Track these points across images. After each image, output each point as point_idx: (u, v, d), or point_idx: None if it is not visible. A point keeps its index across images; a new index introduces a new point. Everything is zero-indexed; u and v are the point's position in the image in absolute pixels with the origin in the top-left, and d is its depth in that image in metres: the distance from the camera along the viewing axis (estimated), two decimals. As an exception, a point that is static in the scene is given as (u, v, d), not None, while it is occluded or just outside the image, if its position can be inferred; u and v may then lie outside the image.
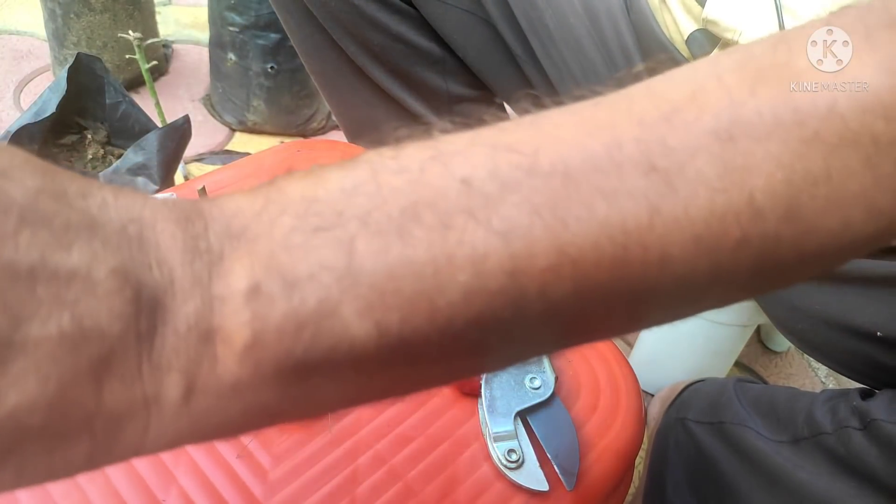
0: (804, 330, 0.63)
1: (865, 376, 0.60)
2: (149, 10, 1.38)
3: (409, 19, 0.77)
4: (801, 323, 0.62)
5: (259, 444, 0.47)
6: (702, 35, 0.64)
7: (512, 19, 0.73)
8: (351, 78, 0.83)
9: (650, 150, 0.23)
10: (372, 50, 0.79)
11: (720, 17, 0.59)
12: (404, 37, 0.78)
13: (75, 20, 1.28)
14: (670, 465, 0.64)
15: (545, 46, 0.73)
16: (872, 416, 0.47)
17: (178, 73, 1.49)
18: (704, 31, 0.64)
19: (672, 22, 0.68)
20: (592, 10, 0.72)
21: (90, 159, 0.98)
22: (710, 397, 0.66)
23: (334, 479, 0.46)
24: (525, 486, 0.46)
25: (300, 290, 0.20)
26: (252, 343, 0.20)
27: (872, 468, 0.46)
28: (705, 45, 0.63)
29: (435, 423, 0.50)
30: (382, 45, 0.78)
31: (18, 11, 1.59)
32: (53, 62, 1.39)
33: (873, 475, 0.46)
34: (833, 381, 1.14)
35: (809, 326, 0.61)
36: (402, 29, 0.77)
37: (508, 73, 0.79)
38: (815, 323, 0.60)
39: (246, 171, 0.69)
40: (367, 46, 0.79)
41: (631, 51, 0.72)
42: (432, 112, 0.85)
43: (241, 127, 1.38)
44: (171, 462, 0.46)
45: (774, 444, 0.54)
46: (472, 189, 0.22)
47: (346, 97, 0.87)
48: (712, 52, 0.63)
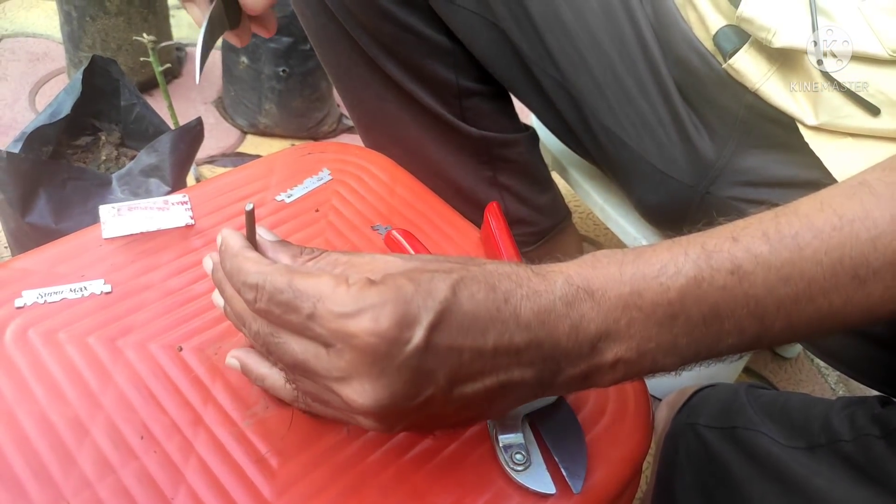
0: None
1: (884, 384, 0.60)
2: (163, 14, 1.39)
3: (420, 11, 0.78)
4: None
5: (268, 443, 0.48)
6: (731, 31, 0.64)
7: (525, 18, 0.73)
8: (363, 69, 0.84)
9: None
10: (383, 41, 0.79)
11: (755, 15, 0.60)
12: (415, 28, 0.78)
13: (90, 23, 1.30)
14: (679, 470, 0.64)
15: (560, 43, 0.73)
16: (895, 425, 0.47)
17: (190, 75, 1.51)
18: (733, 27, 0.64)
19: (697, 18, 0.68)
20: (609, 6, 0.72)
21: (104, 160, 0.98)
22: (721, 402, 0.65)
23: (342, 480, 0.46)
24: (532, 489, 0.46)
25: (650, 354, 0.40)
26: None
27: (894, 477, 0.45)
28: (734, 41, 0.64)
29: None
30: (393, 36, 0.78)
31: (34, 14, 1.61)
32: (68, 64, 1.40)
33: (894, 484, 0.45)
34: (843, 387, 1.13)
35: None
36: (412, 20, 0.78)
37: (516, 72, 0.79)
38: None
39: (257, 174, 0.70)
40: (379, 38, 0.79)
41: (650, 46, 0.72)
42: (443, 105, 0.85)
43: (253, 129, 1.39)
44: (179, 461, 0.46)
45: (789, 451, 0.54)
46: (748, 300, 0.39)
47: (358, 89, 0.87)
48: (742, 47, 0.63)
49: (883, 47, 0.55)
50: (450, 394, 0.38)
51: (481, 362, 0.37)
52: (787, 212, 0.40)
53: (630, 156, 0.76)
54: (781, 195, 0.68)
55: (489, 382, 0.38)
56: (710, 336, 0.39)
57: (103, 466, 0.45)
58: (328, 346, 0.37)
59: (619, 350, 0.39)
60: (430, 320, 0.36)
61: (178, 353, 0.52)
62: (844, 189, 0.40)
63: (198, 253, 0.60)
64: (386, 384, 0.36)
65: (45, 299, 0.54)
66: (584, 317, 0.38)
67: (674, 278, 0.38)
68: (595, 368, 0.40)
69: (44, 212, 0.85)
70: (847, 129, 0.59)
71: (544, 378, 0.39)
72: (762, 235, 0.39)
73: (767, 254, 0.38)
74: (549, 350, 0.38)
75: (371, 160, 0.73)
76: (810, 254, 0.38)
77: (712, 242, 0.39)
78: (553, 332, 0.38)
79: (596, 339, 0.39)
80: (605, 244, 1.26)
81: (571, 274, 0.39)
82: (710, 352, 0.40)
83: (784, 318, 0.39)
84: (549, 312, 0.38)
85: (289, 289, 0.37)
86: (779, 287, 0.38)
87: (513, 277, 0.39)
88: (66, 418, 0.47)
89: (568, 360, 0.39)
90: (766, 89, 0.63)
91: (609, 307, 0.38)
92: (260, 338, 0.41)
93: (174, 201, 0.64)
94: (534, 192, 0.97)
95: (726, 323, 0.39)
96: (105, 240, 0.60)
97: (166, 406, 0.49)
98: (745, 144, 0.70)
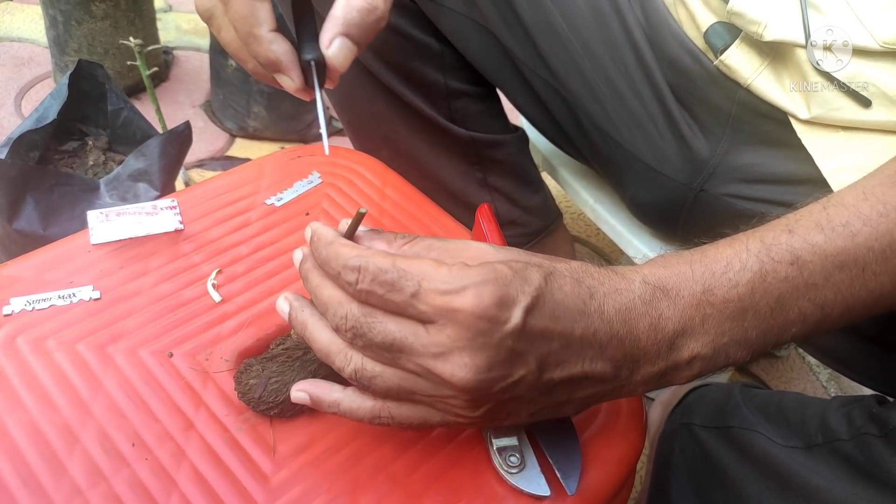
0: (817, 335, 0.62)
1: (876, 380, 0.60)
2: (149, 17, 1.39)
3: (408, 13, 0.77)
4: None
5: (261, 449, 0.47)
6: (721, 27, 0.64)
7: (515, 22, 0.73)
8: (352, 71, 0.83)
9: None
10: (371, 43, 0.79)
11: (745, 9, 0.60)
12: (402, 30, 0.78)
13: (76, 27, 1.29)
14: (674, 470, 0.64)
15: (551, 46, 0.73)
16: (894, 424, 0.47)
17: (178, 79, 1.50)
18: (724, 23, 0.64)
19: (687, 16, 0.68)
20: (598, 9, 0.72)
21: (91, 165, 0.98)
22: (715, 402, 0.65)
23: (336, 485, 0.46)
24: (526, 491, 0.46)
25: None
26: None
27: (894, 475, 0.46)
28: (725, 37, 0.64)
29: (436, 428, 0.50)
30: (381, 38, 0.78)
31: (19, 18, 1.60)
32: (54, 69, 1.39)
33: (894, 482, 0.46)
34: (835, 385, 1.14)
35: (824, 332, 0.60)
36: (400, 22, 0.77)
37: (507, 73, 0.79)
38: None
39: (247, 177, 0.69)
40: None
41: (641, 47, 0.72)
42: (432, 107, 0.85)
43: (242, 133, 1.39)
44: (171, 468, 0.46)
45: (786, 450, 0.54)
46: (808, 289, 0.41)
47: (346, 91, 0.87)
48: (732, 43, 0.64)
49: (874, 39, 0.56)
50: (539, 377, 0.40)
51: (569, 350, 0.40)
52: (834, 202, 0.43)
53: (623, 155, 0.76)
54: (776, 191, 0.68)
55: (574, 370, 0.40)
56: (777, 326, 0.42)
57: (94, 474, 0.45)
58: (428, 324, 0.39)
59: (695, 346, 0.41)
60: (527, 303, 0.38)
61: (168, 359, 0.52)
62: (882, 178, 0.43)
63: (187, 258, 0.60)
64: (485, 358, 0.38)
65: (34, 306, 0.54)
66: (661, 315, 0.41)
67: (740, 273, 0.41)
68: (673, 366, 0.42)
69: (31, 218, 0.84)
70: (839, 121, 0.59)
71: (622, 375, 0.42)
72: (815, 226, 0.42)
73: (823, 243, 0.41)
74: (630, 347, 0.41)
75: (361, 163, 0.73)
76: (862, 240, 0.41)
77: (770, 235, 0.42)
78: (633, 329, 0.40)
79: (674, 336, 0.41)
80: (596, 245, 1.26)
81: (646, 273, 0.41)
82: (777, 341, 0.43)
83: (842, 303, 0.42)
84: (629, 310, 0.40)
85: (393, 269, 0.39)
86: (835, 274, 0.41)
87: (595, 275, 0.41)
88: (57, 426, 0.47)
89: (647, 357, 0.41)
90: (758, 84, 0.63)
91: (684, 305, 0.41)
92: (349, 322, 0.41)
93: (163, 206, 0.64)
94: (524, 193, 0.97)
95: (791, 312, 0.42)
96: (93, 245, 0.59)
97: (157, 413, 0.49)
98: (738, 141, 0.70)
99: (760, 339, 0.42)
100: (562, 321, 0.39)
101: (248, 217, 0.65)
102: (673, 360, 0.42)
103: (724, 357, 0.42)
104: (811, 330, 0.43)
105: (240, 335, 0.54)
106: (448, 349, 0.38)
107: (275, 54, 0.45)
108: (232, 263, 0.60)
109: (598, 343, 0.40)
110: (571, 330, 0.39)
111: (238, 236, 0.63)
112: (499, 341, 0.38)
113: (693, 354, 0.41)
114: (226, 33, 0.46)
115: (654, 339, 0.41)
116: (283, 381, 0.48)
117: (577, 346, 0.40)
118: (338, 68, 0.48)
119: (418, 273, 0.38)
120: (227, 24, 0.45)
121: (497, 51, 0.77)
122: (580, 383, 0.41)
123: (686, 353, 0.41)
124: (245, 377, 0.49)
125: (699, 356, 0.42)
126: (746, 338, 0.42)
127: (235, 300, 0.57)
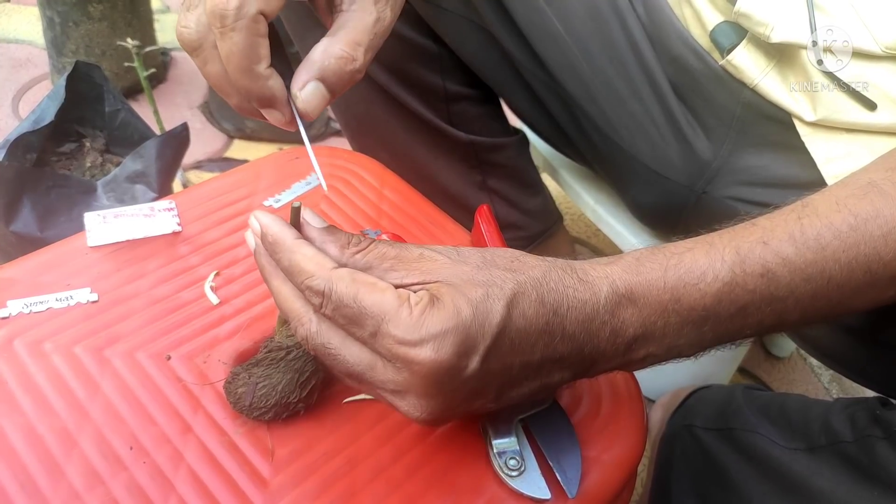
0: (818, 337, 0.62)
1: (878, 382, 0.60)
2: (147, 18, 1.38)
3: (404, 15, 0.77)
4: (816, 330, 0.61)
5: (259, 453, 0.47)
6: (728, 27, 0.64)
7: (512, 24, 0.73)
8: None
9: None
10: None
11: (753, 10, 0.60)
12: (398, 32, 0.77)
13: (74, 28, 1.28)
14: (676, 472, 0.64)
15: (549, 49, 0.73)
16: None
17: (176, 80, 1.49)
18: (730, 23, 0.64)
19: (692, 14, 0.68)
20: (596, 9, 0.72)
21: (88, 167, 0.97)
22: (717, 404, 0.65)
23: (335, 488, 0.46)
24: (527, 495, 0.46)
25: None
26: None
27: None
28: (732, 37, 0.64)
29: (435, 430, 0.50)
30: None
31: (16, 20, 1.59)
32: (52, 70, 1.39)
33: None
34: (837, 386, 1.13)
35: (826, 333, 0.60)
36: (396, 24, 0.77)
37: (505, 74, 0.78)
38: (833, 330, 0.59)
39: (245, 179, 0.69)
40: None
41: (641, 47, 0.71)
42: (430, 110, 0.84)
43: (240, 134, 1.38)
44: (169, 471, 0.45)
45: (789, 452, 0.54)
46: (772, 300, 0.42)
47: (344, 94, 0.87)
48: (739, 43, 0.64)
49: (876, 43, 0.55)
50: (498, 399, 0.41)
51: (527, 371, 0.40)
52: (808, 212, 0.43)
53: (623, 157, 0.76)
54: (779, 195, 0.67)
55: (533, 386, 0.41)
56: (734, 330, 0.43)
57: (92, 478, 0.44)
58: (387, 361, 0.38)
59: (650, 348, 0.42)
60: (487, 346, 0.38)
61: (166, 361, 0.52)
62: (855, 189, 0.44)
63: (185, 260, 0.60)
64: (440, 401, 0.38)
65: (31, 309, 0.54)
66: (624, 322, 0.41)
67: (711, 284, 0.41)
68: (626, 363, 0.43)
69: (28, 220, 0.84)
70: (844, 124, 0.59)
71: (578, 373, 0.43)
72: (789, 237, 0.42)
73: (794, 256, 0.42)
74: (590, 352, 0.41)
75: (360, 164, 0.73)
76: (830, 253, 0.42)
77: (745, 246, 0.42)
78: (594, 337, 0.41)
79: (632, 340, 0.42)
80: (596, 246, 1.26)
81: (616, 280, 0.41)
82: (728, 341, 0.44)
83: (800, 311, 0.43)
84: (592, 320, 0.40)
85: (354, 304, 0.38)
86: (801, 286, 0.42)
87: (559, 289, 0.40)
88: (54, 430, 0.47)
89: (604, 358, 0.42)
90: (763, 85, 0.63)
91: (648, 312, 0.41)
92: (311, 342, 0.41)
93: (160, 208, 0.63)
94: (524, 196, 0.97)
95: (750, 319, 0.43)
96: (91, 248, 0.59)
97: (155, 416, 0.48)
98: (742, 143, 0.69)
99: (714, 341, 0.44)
100: (522, 350, 0.39)
101: (246, 219, 0.65)
102: (627, 359, 0.43)
103: (676, 354, 0.43)
104: (765, 332, 0.45)
105: (238, 337, 0.54)
106: (404, 389, 0.38)
107: (271, 91, 0.44)
108: (230, 265, 0.60)
109: (559, 357, 0.40)
110: (531, 355, 0.40)
111: (236, 238, 0.62)
112: (457, 386, 0.38)
113: (646, 354, 0.43)
114: (212, 66, 0.44)
115: (613, 343, 0.41)
116: (270, 385, 0.48)
117: (536, 366, 0.40)
118: (309, 113, 0.46)
119: (378, 313, 0.37)
120: (216, 58, 0.43)
121: (495, 52, 0.77)
122: (539, 390, 0.42)
123: (641, 353, 0.42)
124: (233, 387, 0.49)
125: (652, 355, 0.43)
126: (702, 340, 0.43)
127: (233, 302, 0.57)
